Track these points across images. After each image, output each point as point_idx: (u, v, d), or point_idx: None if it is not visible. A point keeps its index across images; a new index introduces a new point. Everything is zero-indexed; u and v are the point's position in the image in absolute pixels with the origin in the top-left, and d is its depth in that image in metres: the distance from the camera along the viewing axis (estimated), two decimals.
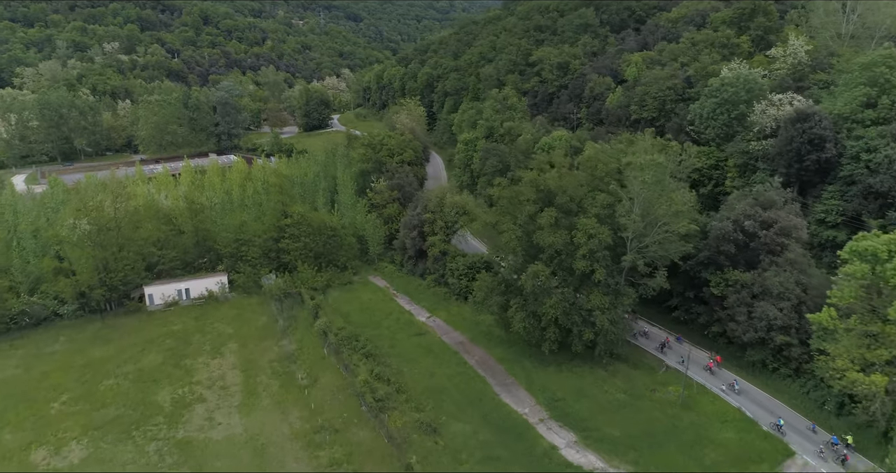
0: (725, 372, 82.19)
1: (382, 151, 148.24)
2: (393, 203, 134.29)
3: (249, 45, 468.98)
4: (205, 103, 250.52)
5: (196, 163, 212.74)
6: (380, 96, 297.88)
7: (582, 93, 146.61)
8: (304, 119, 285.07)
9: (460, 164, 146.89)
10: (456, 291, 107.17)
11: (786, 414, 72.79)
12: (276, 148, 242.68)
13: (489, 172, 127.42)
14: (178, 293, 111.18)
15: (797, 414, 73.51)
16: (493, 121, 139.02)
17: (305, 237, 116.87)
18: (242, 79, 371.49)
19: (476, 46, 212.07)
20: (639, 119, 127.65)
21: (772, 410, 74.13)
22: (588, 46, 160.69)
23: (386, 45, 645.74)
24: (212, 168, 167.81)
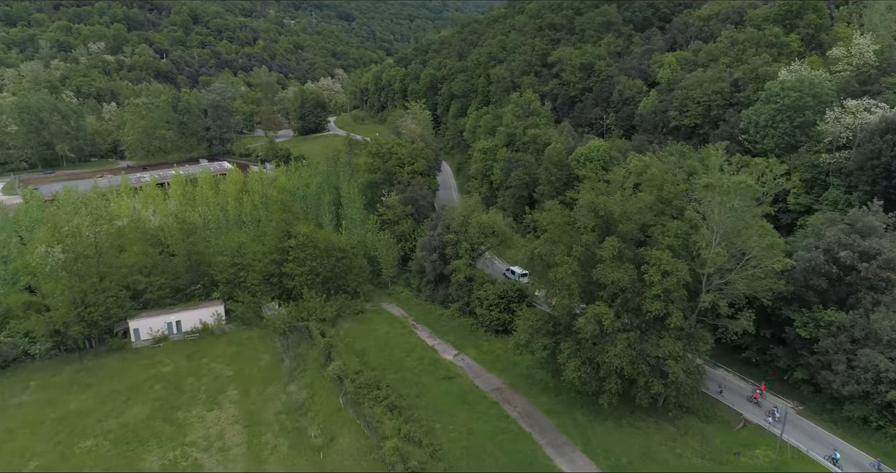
0: (768, 402, 70.28)
1: (392, 161, 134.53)
2: (406, 219, 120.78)
3: (240, 44, 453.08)
4: (195, 106, 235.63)
5: (186, 170, 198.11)
6: (378, 98, 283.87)
7: (609, 97, 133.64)
8: (299, 122, 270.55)
9: (477, 175, 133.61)
10: (485, 323, 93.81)
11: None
12: (271, 153, 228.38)
13: (514, 185, 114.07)
14: (168, 326, 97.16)
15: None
16: (514, 127, 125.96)
17: (311, 260, 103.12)
18: (234, 81, 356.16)
19: (483, 46, 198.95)
20: (679, 126, 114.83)
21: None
22: (612, 46, 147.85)
23: (379, 45, 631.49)
24: (204, 178, 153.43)
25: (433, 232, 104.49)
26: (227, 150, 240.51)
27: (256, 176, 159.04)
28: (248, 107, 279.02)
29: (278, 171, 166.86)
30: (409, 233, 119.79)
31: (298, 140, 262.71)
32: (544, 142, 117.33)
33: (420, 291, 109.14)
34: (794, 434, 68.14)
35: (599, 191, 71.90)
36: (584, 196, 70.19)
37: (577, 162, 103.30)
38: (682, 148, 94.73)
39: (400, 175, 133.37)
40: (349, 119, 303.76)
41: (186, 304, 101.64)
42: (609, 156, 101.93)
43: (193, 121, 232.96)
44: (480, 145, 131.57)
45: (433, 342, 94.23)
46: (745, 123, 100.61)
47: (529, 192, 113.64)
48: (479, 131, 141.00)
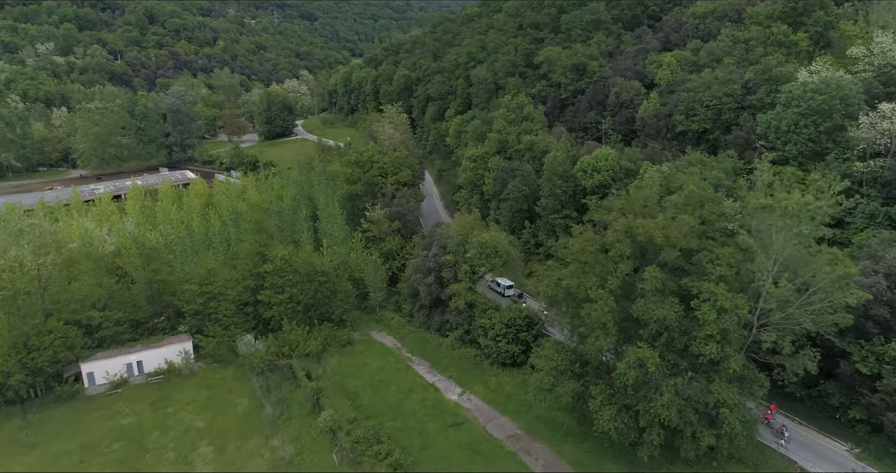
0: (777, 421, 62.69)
1: (373, 171, 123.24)
2: (393, 235, 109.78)
3: (200, 45, 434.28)
4: (153, 110, 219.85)
5: (145, 180, 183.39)
6: (348, 100, 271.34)
7: (605, 100, 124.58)
8: (265, 126, 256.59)
9: (466, 184, 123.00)
10: (491, 356, 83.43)
11: None
12: (237, 160, 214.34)
13: (512, 198, 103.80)
14: (128, 368, 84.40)
15: None
16: (506, 133, 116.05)
17: (291, 287, 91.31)
18: (194, 83, 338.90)
19: (461, 46, 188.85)
20: (685, 131, 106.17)
21: None
22: (603, 45, 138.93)
23: (343, 45, 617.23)
24: (165, 190, 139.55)
25: (427, 252, 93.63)
26: (188, 157, 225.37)
27: (223, 187, 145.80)
28: (211, 111, 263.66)
29: (246, 181, 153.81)
30: (396, 251, 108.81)
31: (265, 145, 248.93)
32: (542, 150, 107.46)
33: (412, 317, 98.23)
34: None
35: (635, 212, 62.05)
36: (618, 220, 60.20)
37: (584, 172, 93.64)
38: (702, 157, 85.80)
39: (382, 186, 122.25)
40: (318, 122, 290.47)
41: (149, 340, 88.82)
42: (619, 166, 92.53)
43: (152, 127, 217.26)
44: (470, 153, 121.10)
45: (433, 378, 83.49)
46: (763, 128, 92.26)
47: (529, 205, 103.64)
48: (466, 137, 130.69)
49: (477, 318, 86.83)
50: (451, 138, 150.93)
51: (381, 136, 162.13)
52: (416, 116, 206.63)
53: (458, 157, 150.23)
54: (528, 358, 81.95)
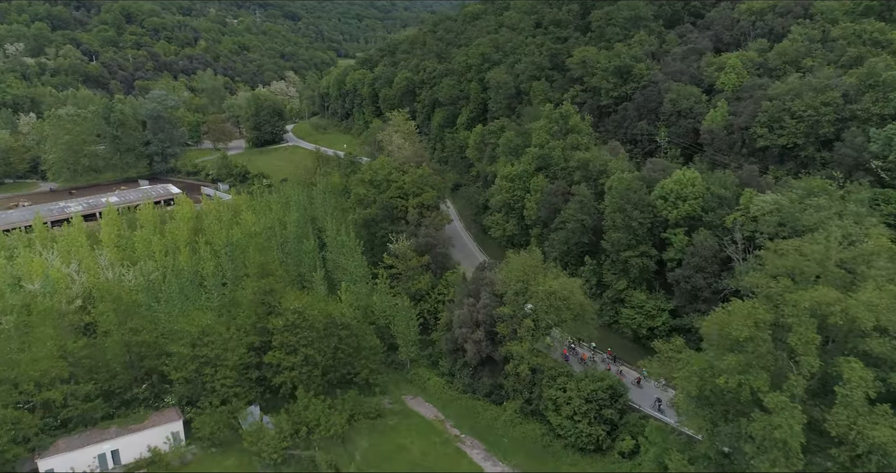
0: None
1: (391, 191, 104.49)
2: (423, 272, 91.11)
3: (180, 45, 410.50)
4: (131, 117, 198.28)
5: (122, 197, 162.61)
6: (342, 104, 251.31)
7: (658, 108, 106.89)
8: (253, 132, 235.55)
9: (501, 207, 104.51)
10: (567, 437, 65.27)
11: None
12: (224, 171, 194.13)
13: (569, 228, 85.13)
14: (100, 460, 65.02)
15: None
16: (549, 148, 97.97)
17: (306, 346, 72.32)
18: (174, 85, 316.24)
19: (472, 46, 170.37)
20: (767, 147, 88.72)
21: None
22: (646, 45, 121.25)
23: (329, 45, 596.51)
24: (145, 214, 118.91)
25: (472, 300, 75.07)
26: (171, 168, 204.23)
27: (212, 208, 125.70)
28: (194, 117, 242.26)
29: (239, 200, 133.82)
30: (426, 292, 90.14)
31: (253, 153, 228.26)
32: (598, 169, 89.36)
33: (453, 376, 79.70)
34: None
35: (804, 276, 44.06)
36: (802, 294, 42.01)
37: (664, 200, 75.87)
38: (823, 184, 68.35)
39: (402, 209, 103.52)
40: (308, 128, 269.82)
41: (127, 419, 69.27)
42: (709, 192, 74.81)
43: (129, 135, 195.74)
44: (505, 171, 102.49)
45: (494, 468, 65.07)
46: (880, 146, 75.30)
47: (589, 237, 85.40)
48: (496, 150, 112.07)
49: (544, 387, 68.59)
50: (470, 150, 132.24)
51: (390, 147, 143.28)
52: (421, 123, 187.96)
53: (479, 172, 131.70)
54: (614, 442, 64.20)
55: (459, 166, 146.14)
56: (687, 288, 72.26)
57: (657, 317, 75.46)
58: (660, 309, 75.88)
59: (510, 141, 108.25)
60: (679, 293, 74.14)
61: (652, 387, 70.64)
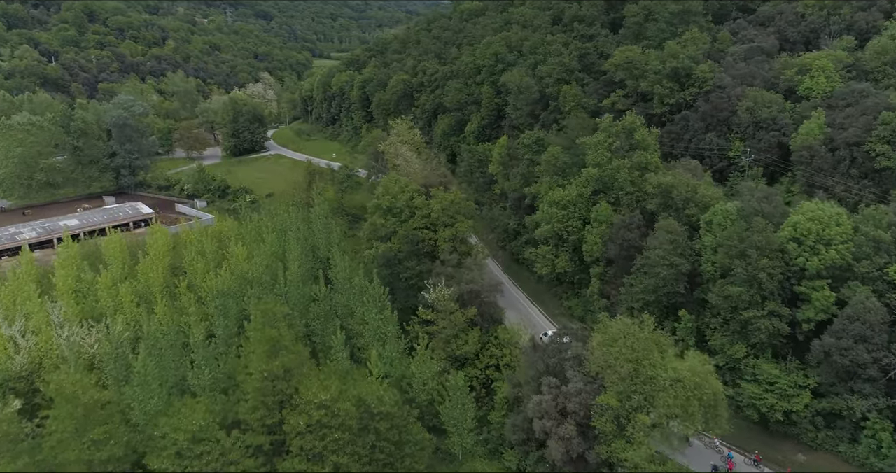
0: None
1: (415, 221, 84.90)
2: (469, 329, 71.61)
3: (147, 45, 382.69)
4: (94, 125, 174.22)
5: (84, 220, 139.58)
6: (328, 109, 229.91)
7: (730, 118, 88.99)
8: (231, 140, 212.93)
9: (548, 239, 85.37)
10: None
11: None
12: (201, 185, 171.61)
13: (661, 275, 66.19)
14: None
15: None
16: (613, 169, 79.23)
17: (337, 452, 52.45)
18: (142, 88, 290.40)
19: (481, 45, 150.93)
20: (889, 167, 71.35)
21: None
22: (700, 44, 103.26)
23: (303, 45, 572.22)
24: (111, 248, 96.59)
25: (554, 380, 55.84)
26: (140, 182, 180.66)
27: (193, 238, 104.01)
28: (165, 123, 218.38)
29: (223, 226, 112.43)
30: (473, 355, 70.72)
31: (232, 163, 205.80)
32: (685, 197, 70.98)
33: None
34: None
35: None
36: None
37: (799, 244, 57.70)
38: None
39: (427, 242, 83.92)
40: (290, 134, 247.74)
41: None
42: (861, 235, 56.84)
43: (93, 146, 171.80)
44: (554, 195, 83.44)
45: None
46: None
47: (684, 286, 66.87)
48: (539, 169, 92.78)
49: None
50: (494, 166, 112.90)
51: (397, 162, 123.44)
52: (420, 130, 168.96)
53: (504, 190, 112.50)
54: None
55: (477, 182, 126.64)
56: (843, 364, 54.15)
57: (796, 398, 57.15)
58: (798, 386, 57.63)
59: (556, 158, 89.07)
60: (828, 367, 55.99)
61: None
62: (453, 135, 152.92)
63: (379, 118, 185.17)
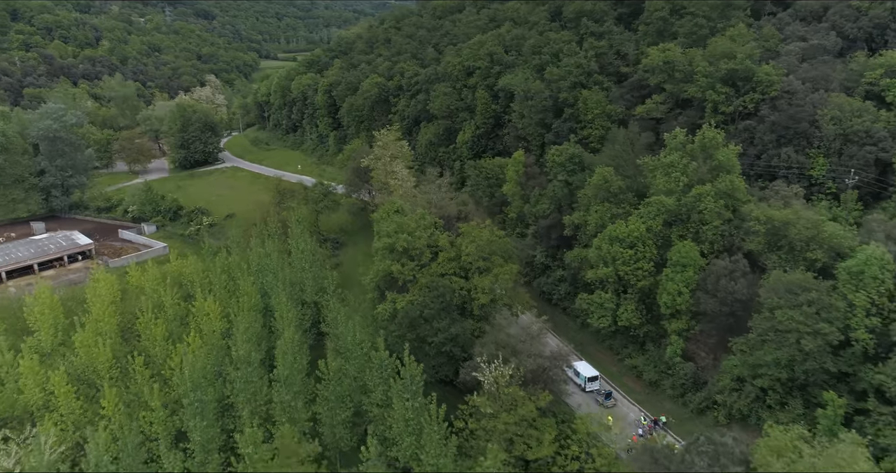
0: None
1: (440, 265, 65.90)
2: (539, 418, 53.01)
3: (79, 46, 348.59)
4: (17, 138, 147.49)
5: (5, 257, 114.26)
6: (288, 115, 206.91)
7: (808, 130, 73.37)
8: (180, 152, 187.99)
9: (608, 284, 67.65)
10: None
11: None
12: (149, 206, 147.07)
13: (810, 351, 48.54)
14: None
15: None
16: (695, 197, 61.89)
17: None
18: (75, 92, 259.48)
19: (472, 45, 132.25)
20: None
21: None
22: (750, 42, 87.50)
23: (249, 46, 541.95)
24: (40, 309, 73.44)
25: None
26: (75, 204, 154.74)
27: (147, 285, 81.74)
28: (103, 134, 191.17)
29: (182, 265, 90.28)
30: (550, 459, 52.15)
31: (182, 177, 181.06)
32: (806, 237, 54.14)
33: None
34: None
35: None
36: None
37: None
38: None
39: (458, 293, 64.96)
40: (246, 143, 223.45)
41: None
42: None
43: (16, 163, 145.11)
44: (616, 230, 65.50)
45: None
46: None
47: (831, 360, 50.03)
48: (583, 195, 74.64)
49: None
50: (510, 186, 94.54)
51: (393, 181, 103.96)
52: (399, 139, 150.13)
53: (524, 215, 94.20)
54: None
55: (483, 204, 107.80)
56: None
57: None
58: None
59: (608, 182, 71.39)
60: None
61: None
62: (441, 146, 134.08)
63: (350, 125, 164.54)
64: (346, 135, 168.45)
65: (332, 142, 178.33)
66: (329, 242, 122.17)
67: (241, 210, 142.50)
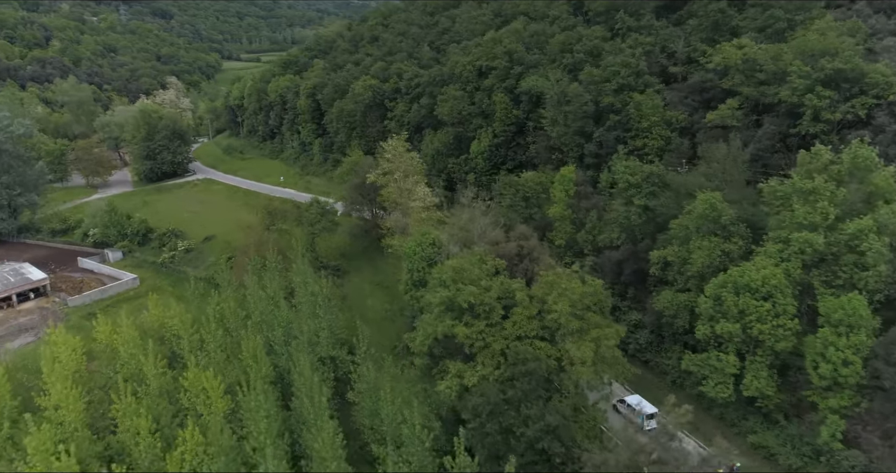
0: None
1: (516, 325, 49.58)
2: None
3: (27, 46, 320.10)
4: None
5: None
6: (265, 121, 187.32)
7: None
8: (146, 163, 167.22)
9: (722, 342, 51.80)
10: None
11: None
12: (113, 229, 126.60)
13: None
14: None
15: None
16: (845, 233, 47.20)
17: None
18: (23, 97, 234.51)
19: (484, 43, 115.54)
20: None
21: None
22: (838, 35, 73.82)
23: (210, 46, 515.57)
24: None
25: None
26: (25, 226, 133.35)
27: (119, 343, 63.18)
28: (56, 144, 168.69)
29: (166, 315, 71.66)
30: None
31: (148, 192, 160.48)
32: None
33: None
34: None
35: None
36: None
37: None
38: None
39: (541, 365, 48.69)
40: (218, 151, 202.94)
41: None
42: None
43: None
44: (748, 276, 50.07)
45: None
46: None
47: None
48: (676, 225, 59.16)
49: None
50: (558, 207, 78.68)
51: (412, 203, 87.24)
52: None
53: (579, 243, 78.18)
54: None
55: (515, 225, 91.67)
56: None
57: None
58: None
59: (717, 210, 56.13)
60: None
61: None
62: (450, 157, 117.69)
63: (339, 132, 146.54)
64: (334, 142, 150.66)
65: (317, 150, 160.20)
66: (328, 270, 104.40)
67: (221, 230, 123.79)
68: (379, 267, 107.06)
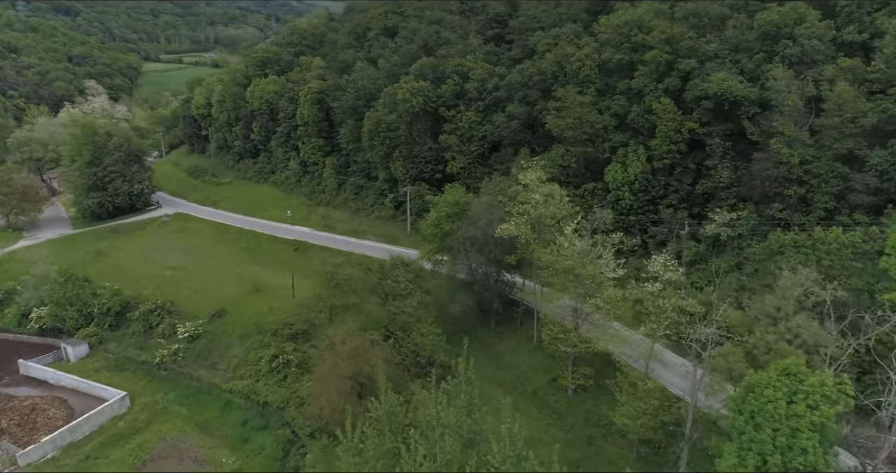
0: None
1: None
2: None
3: None
4: None
5: None
6: (244, 134, 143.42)
7: None
8: (94, 196, 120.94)
9: None
10: None
11: None
12: (71, 310, 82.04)
13: None
14: None
15: None
16: None
17: None
18: None
19: (605, 28, 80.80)
20: None
21: None
22: None
23: (127, 47, 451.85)
24: None
25: None
26: None
27: None
28: None
29: None
30: None
31: (100, 235, 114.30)
32: None
33: None
34: None
35: None
36: None
37: None
38: None
39: None
40: (179, 173, 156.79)
41: None
42: None
43: None
44: None
45: None
46: None
47: None
48: None
49: None
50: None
51: (595, 282, 51.42)
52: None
53: None
54: None
55: None
56: None
57: None
58: None
59: None
60: None
61: None
62: (570, 186, 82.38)
63: (373, 149, 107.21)
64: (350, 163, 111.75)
65: (329, 173, 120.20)
66: (427, 368, 66.93)
67: (229, 297, 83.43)
68: (495, 351, 71.20)
